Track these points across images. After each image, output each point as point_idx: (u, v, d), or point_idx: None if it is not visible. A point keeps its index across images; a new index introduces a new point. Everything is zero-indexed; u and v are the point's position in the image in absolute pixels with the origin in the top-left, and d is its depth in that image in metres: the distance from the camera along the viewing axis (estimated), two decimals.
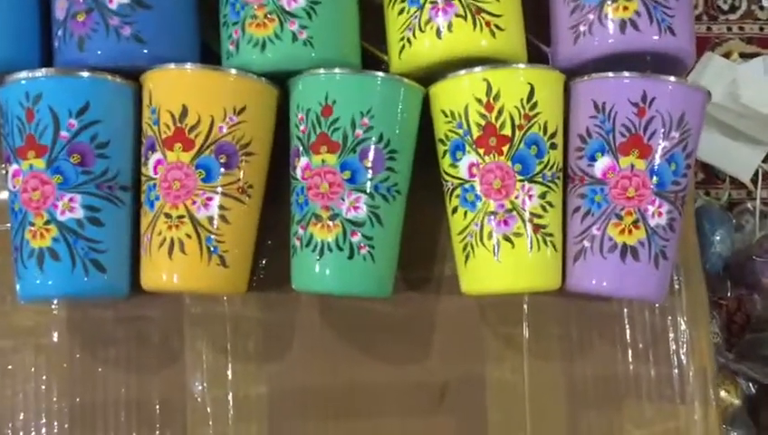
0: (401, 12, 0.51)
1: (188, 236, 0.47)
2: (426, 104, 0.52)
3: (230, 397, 0.53)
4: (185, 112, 0.47)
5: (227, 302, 0.54)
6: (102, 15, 0.48)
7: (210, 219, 0.48)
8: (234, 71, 0.49)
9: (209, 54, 0.52)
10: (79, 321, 0.53)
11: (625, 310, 0.55)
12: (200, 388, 0.53)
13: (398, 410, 0.54)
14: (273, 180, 0.51)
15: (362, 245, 0.48)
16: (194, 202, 0.48)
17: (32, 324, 0.53)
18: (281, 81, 0.51)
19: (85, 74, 0.48)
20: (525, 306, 0.55)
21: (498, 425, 0.53)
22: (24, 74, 0.47)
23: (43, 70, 0.48)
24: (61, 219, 0.47)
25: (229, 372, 0.53)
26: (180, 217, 0.47)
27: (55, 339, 0.53)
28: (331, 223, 0.48)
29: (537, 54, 0.54)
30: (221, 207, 0.48)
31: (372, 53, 0.55)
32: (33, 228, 0.47)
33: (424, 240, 0.54)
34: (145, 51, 0.48)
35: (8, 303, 0.53)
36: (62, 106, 0.47)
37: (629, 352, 0.54)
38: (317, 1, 0.49)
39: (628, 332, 0.55)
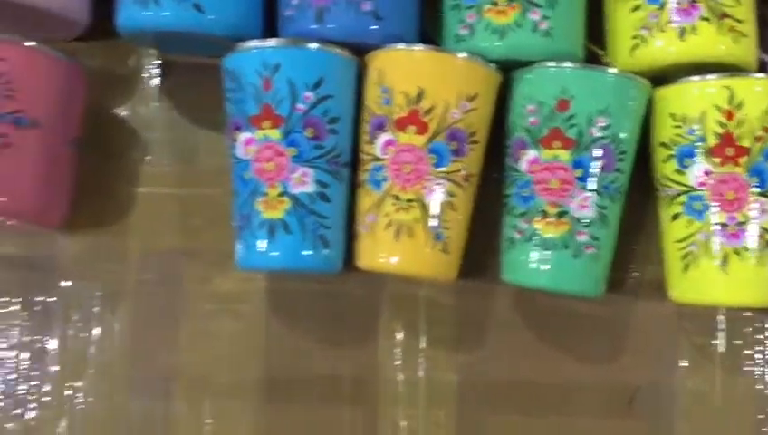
0: (636, 9, 0.50)
1: (416, 220, 0.47)
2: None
3: (422, 381, 0.53)
4: (421, 95, 0.47)
5: (425, 286, 0.54)
6: None
7: (440, 205, 0.47)
8: (471, 57, 0.48)
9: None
10: (278, 292, 0.53)
11: None
12: (393, 369, 0.53)
13: (585, 411, 0.53)
14: None
15: (589, 245, 0.47)
16: (424, 187, 0.47)
17: (234, 291, 0.53)
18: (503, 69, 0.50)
19: (324, 48, 0.47)
20: (722, 317, 0.54)
21: None
22: (263, 43, 0.47)
23: (282, 40, 0.47)
24: (294, 192, 0.47)
25: (422, 356, 0.54)
26: (410, 200, 0.47)
27: (254, 307, 0.53)
28: (558, 220, 0.48)
29: None
30: (449, 194, 0.48)
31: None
32: (265, 199, 0.47)
33: (626, 242, 0.52)
34: (379, 28, 0.48)
35: (213, 267, 0.53)
36: (300, 78, 0.47)
37: None
38: None
39: None
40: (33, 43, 0.45)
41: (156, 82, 0.55)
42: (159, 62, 0.55)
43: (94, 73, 0.54)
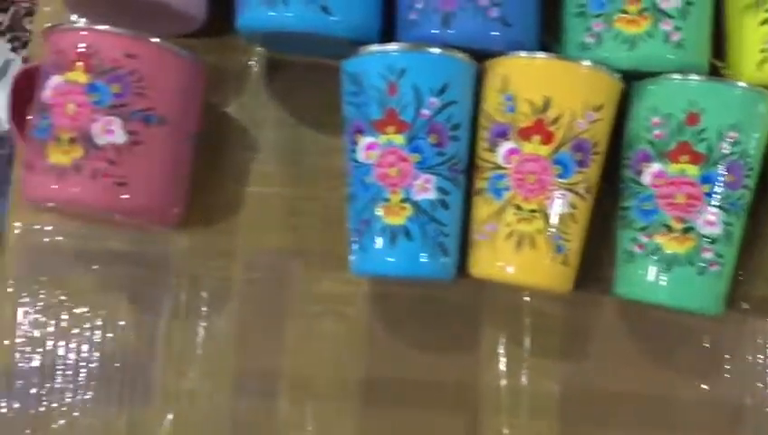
0: (765, 22, 0.49)
1: (539, 231, 0.46)
2: None
3: (525, 389, 0.52)
4: (547, 104, 0.46)
5: (530, 295, 0.54)
6: None
7: (562, 217, 0.47)
8: (598, 66, 0.47)
9: None
10: (381, 295, 0.53)
11: None
12: (496, 376, 0.53)
13: (690, 427, 0.52)
14: None
15: (713, 262, 0.46)
16: (547, 198, 0.47)
17: (338, 293, 0.53)
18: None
19: (450, 53, 0.46)
20: None
21: None
22: (388, 47, 0.46)
23: (408, 44, 0.46)
24: (416, 199, 0.46)
25: (525, 365, 0.53)
26: (533, 211, 0.46)
27: (358, 310, 0.53)
28: (683, 236, 0.47)
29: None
30: (572, 206, 0.47)
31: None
32: (387, 205, 0.46)
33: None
34: (506, 34, 0.47)
35: (318, 268, 0.53)
36: (425, 83, 0.46)
37: None
38: (691, 2, 0.47)
39: None
40: (163, 41, 0.45)
41: (265, 80, 0.54)
42: (269, 59, 0.55)
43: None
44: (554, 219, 0.47)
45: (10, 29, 0.85)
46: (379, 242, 0.46)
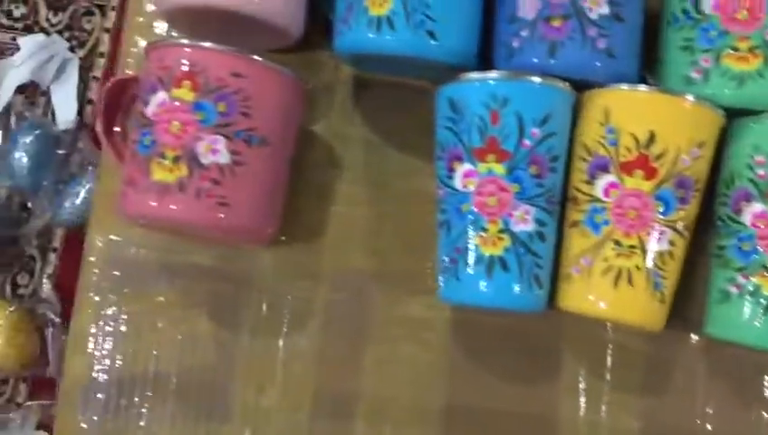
0: None
1: (638, 268, 0.46)
2: None
3: (604, 425, 0.52)
4: (652, 139, 0.45)
5: (611, 329, 0.53)
6: (581, 24, 0.46)
7: (660, 254, 0.46)
8: (704, 101, 0.46)
9: None
10: (463, 322, 0.52)
11: None
12: (575, 409, 0.52)
13: None
14: None
15: None
16: (648, 234, 0.46)
17: (420, 317, 0.52)
18: None
19: (553, 83, 0.46)
20: None
21: None
22: (492, 75, 0.46)
23: (512, 73, 0.46)
24: (514, 230, 0.45)
25: (605, 400, 0.52)
26: (632, 247, 0.46)
27: (439, 336, 0.52)
28: None
29: None
30: (670, 243, 0.47)
31: None
32: (484, 234, 0.45)
33: None
34: (612, 66, 0.46)
35: (401, 291, 0.52)
36: (529, 113, 0.45)
37: None
38: None
39: None
40: (269, 61, 0.44)
41: (353, 98, 0.54)
42: (356, 78, 0.54)
43: None
44: (653, 256, 0.46)
45: (68, 28, 0.85)
46: (475, 272, 0.46)
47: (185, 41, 0.44)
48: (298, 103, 0.48)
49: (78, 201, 0.79)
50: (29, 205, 0.81)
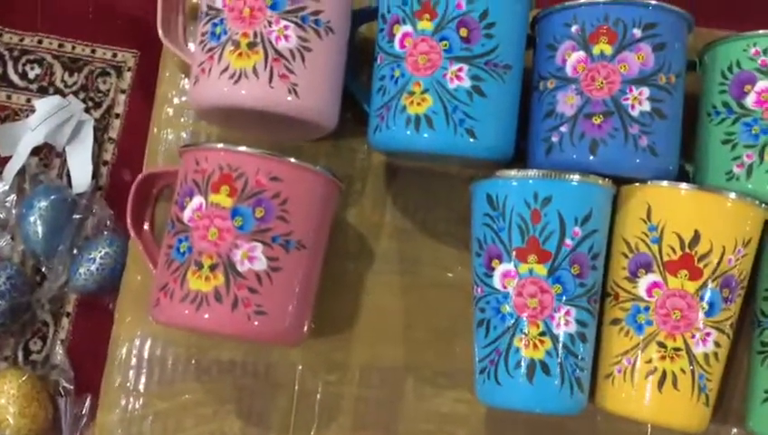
0: None
1: (683, 371, 0.44)
2: None
3: None
4: (697, 239, 0.44)
5: (650, 427, 0.51)
6: (623, 121, 0.45)
7: (706, 357, 0.45)
8: (750, 199, 0.45)
9: None
10: (494, 418, 0.50)
11: None
12: None
13: None
14: None
15: None
16: (693, 335, 0.45)
17: (451, 412, 0.50)
18: None
19: (594, 181, 0.45)
20: None
21: None
22: (533, 173, 0.45)
23: (552, 171, 0.44)
24: (556, 332, 0.44)
25: None
26: (677, 349, 0.44)
27: (471, 432, 0.50)
28: None
29: None
30: (716, 344, 0.45)
31: None
32: (525, 337, 0.44)
33: None
34: (654, 163, 0.45)
35: (433, 385, 0.50)
36: (570, 212, 0.44)
37: None
38: None
39: None
40: (306, 163, 0.43)
41: (384, 185, 0.52)
42: (387, 164, 0.53)
43: None
44: (699, 359, 0.45)
45: (84, 89, 0.84)
46: (516, 375, 0.44)
47: (221, 145, 0.43)
48: (333, 202, 0.47)
49: (93, 267, 0.78)
50: (43, 269, 0.80)
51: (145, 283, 0.50)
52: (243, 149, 0.42)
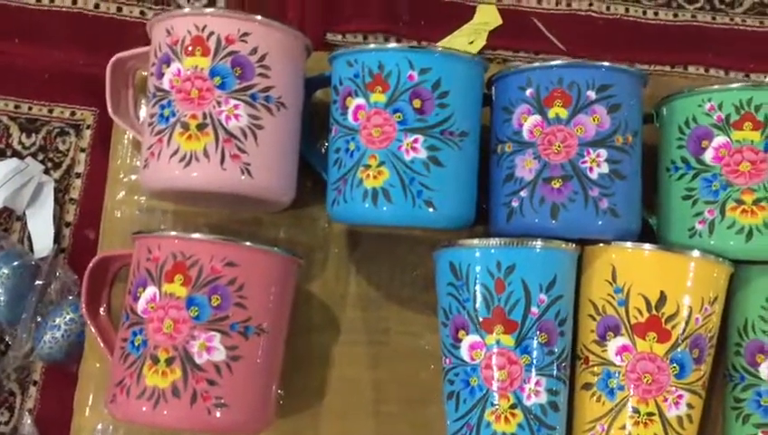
0: None
1: None
2: None
3: None
4: (663, 300, 0.44)
5: None
6: (582, 185, 0.45)
7: (679, 419, 0.44)
8: (715, 258, 0.45)
9: None
10: None
11: None
12: None
13: None
14: None
15: None
16: (665, 399, 0.44)
17: None
18: None
19: (558, 246, 0.44)
20: None
21: None
22: (494, 241, 0.44)
23: (514, 239, 0.44)
24: (527, 404, 0.43)
25: None
26: (650, 414, 0.44)
27: None
28: None
29: None
30: (688, 406, 0.45)
31: None
32: (496, 410, 0.43)
33: None
34: (616, 224, 0.45)
35: None
36: (535, 279, 0.44)
37: None
38: None
39: None
40: (263, 246, 0.43)
41: (347, 253, 0.51)
42: (349, 231, 0.52)
43: (282, 245, 0.50)
44: (672, 422, 0.44)
45: (42, 150, 0.83)
46: None
47: (174, 232, 0.42)
48: (292, 280, 0.45)
49: (59, 334, 0.76)
50: (6, 339, 0.78)
51: (104, 369, 0.48)
52: (196, 236, 0.41)
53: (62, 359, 0.84)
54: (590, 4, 0.66)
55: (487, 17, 0.65)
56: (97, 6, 0.70)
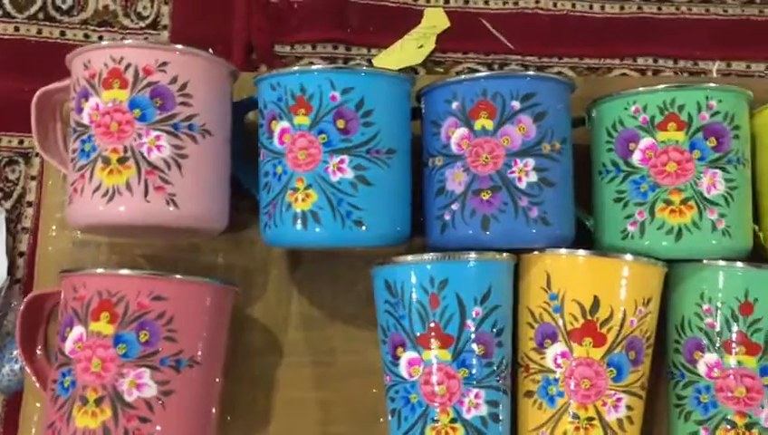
0: None
1: None
2: None
3: None
4: (596, 305, 0.44)
5: None
6: (511, 195, 0.45)
7: (620, 422, 0.44)
8: (647, 259, 0.45)
9: None
10: None
11: None
12: None
13: None
14: None
15: None
16: (604, 403, 0.44)
17: None
18: None
19: (493, 257, 0.44)
20: None
21: None
22: (427, 257, 0.44)
23: (446, 253, 0.44)
24: (467, 417, 0.43)
25: None
26: (590, 419, 0.44)
27: None
28: (748, 432, 0.45)
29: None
30: (628, 408, 0.45)
31: None
32: (436, 425, 0.43)
33: None
34: (547, 232, 0.45)
35: None
36: (469, 292, 0.44)
37: None
38: (735, 187, 0.46)
39: None
40: (191, 278, 0.42)
41: (288, 275, 0.51)
42: (289, 252, 0.51)
43: (221, 270, 0.51)
44: (613, 425, 0.44)
45: None
46: None
47: (100, 270, 0.41)
48: (227, 308, 0.45)
49: (17, 366, 0.75)
50: None
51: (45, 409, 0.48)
52: (122, 272, 0.41)
53: (21, 391, 0.84)
54: (537, 2, 0.66)
55: (435, 20, 0.65)
56: (40, 32, 0.69)
